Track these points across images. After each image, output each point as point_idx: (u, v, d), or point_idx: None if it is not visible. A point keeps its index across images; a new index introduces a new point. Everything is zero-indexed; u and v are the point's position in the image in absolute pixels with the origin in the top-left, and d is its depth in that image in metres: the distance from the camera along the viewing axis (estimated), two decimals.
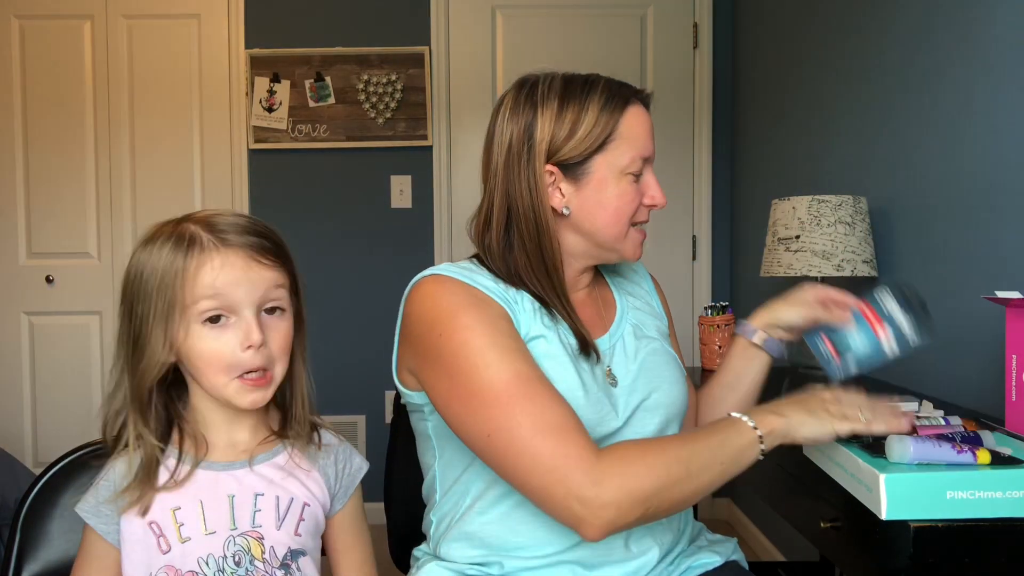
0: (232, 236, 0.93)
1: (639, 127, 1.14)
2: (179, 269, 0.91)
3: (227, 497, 0.95)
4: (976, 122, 1.64)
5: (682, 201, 3.39)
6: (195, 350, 0.92)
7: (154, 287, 0.91)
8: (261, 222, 0.99)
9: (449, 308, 1.02)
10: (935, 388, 1.75)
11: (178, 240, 0.93)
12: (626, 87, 1.14)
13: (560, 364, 1.05)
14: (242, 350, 0.92)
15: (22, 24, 3.31)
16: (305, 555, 0.98)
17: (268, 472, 0.98)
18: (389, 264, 3.35)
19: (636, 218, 1.15)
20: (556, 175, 1.10)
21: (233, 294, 0.92)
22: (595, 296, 1.20)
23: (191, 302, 0.91)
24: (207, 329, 0.92)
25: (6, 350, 3.35)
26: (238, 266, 0.92)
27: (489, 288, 1.07)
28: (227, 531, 0.94)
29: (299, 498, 0.98)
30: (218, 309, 0.91)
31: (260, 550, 0.94)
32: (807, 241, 1.92)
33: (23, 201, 3.33)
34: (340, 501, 1.03)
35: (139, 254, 0.95)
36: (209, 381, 0.93)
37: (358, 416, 3.28)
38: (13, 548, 1.08)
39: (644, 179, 1.15)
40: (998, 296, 1.18)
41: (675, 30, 3.34)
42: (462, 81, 3.34)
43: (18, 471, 2.27)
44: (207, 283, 0.91)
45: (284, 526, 0.96)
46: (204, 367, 0.92)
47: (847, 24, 2.25)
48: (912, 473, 0.90)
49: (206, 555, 0.92)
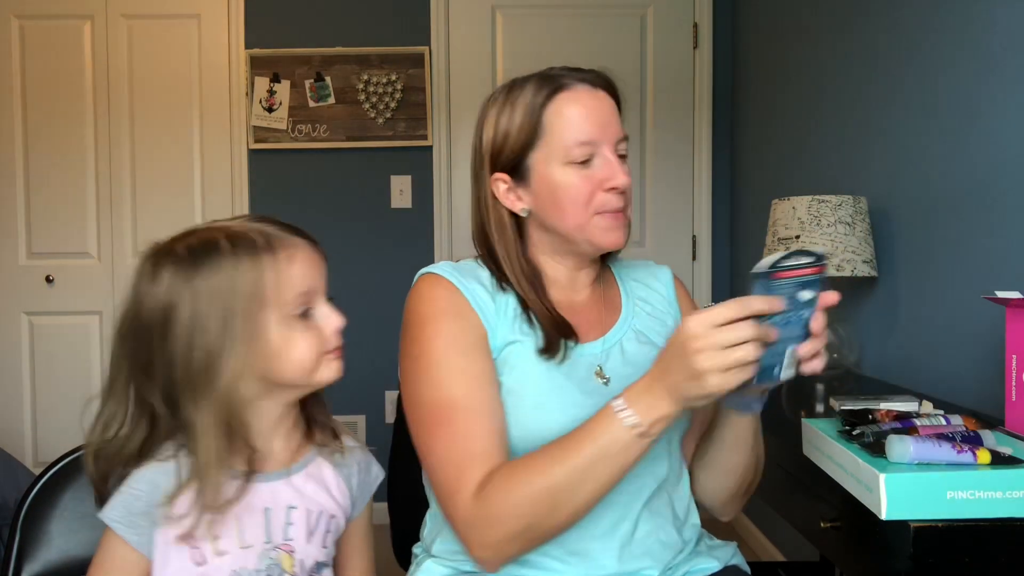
0: (288, 234, 0.93)
1: (573, 111, 1.07)
2: (267, 270, 0.88)
3: (263, 511, 0.93)
4: (976, 122, 1.64)
5: (682, 201, 3.39)
6: (286, 349, 0.90)
7: (242, 299, 0.87)
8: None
9: (424, 314, 1.07)
10: (935, 388, 1.75)
11: (251, 246, 0.89)
12: (559, 76, 1.10)
13: (528, 369, 1.06)
14: (329, 334, 0.93)
15: (22, 24, 3.31)
16: (329, 567, 0.98)
17: (301, 483, 0.97)
18: (389, 264, 3.35)
19: (597, 205, 1.08)
20: (507, 181, 1.11)
21: (315, 283, 0.93)
22: (598, 298, 1.18)
23: (281, 300, 0.89)
24: (296, 323, 0.91)
25: (6, 350, 3.35)
26: (314, 258, 0.94)
27: (476, 294, 1.09)
28: (261, 545, 0.92)
29: (327, 511, 0.98)
30: (306, 301, 0.92)
31: (290, 563, 0.94)
32: (807, 241, 1.92)
33: (23, 201, 3.33)
34: (357, 509, 1.03)
35: (188, 281, 0.87)
36: (295, 371, 0.91)
37: (358, 416, 3.28)
38: (13, 548, 1.08)
39: (595, 163, 1.07)
40: (998, 296, 1.17)
41: (675, 30, 3.34)
42: (462, 81, 3.34)
43: (18, 471, 2.27)
44: (299, 275, 0.91)
45: (314, 539, 0.95)
46: (295, 359, 0.91)
47: (847, 24, 2.25)
48: (912, 473, 0.90)
49: (239, 568, 0.91)
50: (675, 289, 1.24)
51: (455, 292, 1.08)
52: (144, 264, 0.91)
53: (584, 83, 1.09)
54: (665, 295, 1.22)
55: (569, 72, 1.10)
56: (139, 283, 0.90)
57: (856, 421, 1.07)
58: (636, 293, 1.21)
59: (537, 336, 1.08)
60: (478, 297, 1.08)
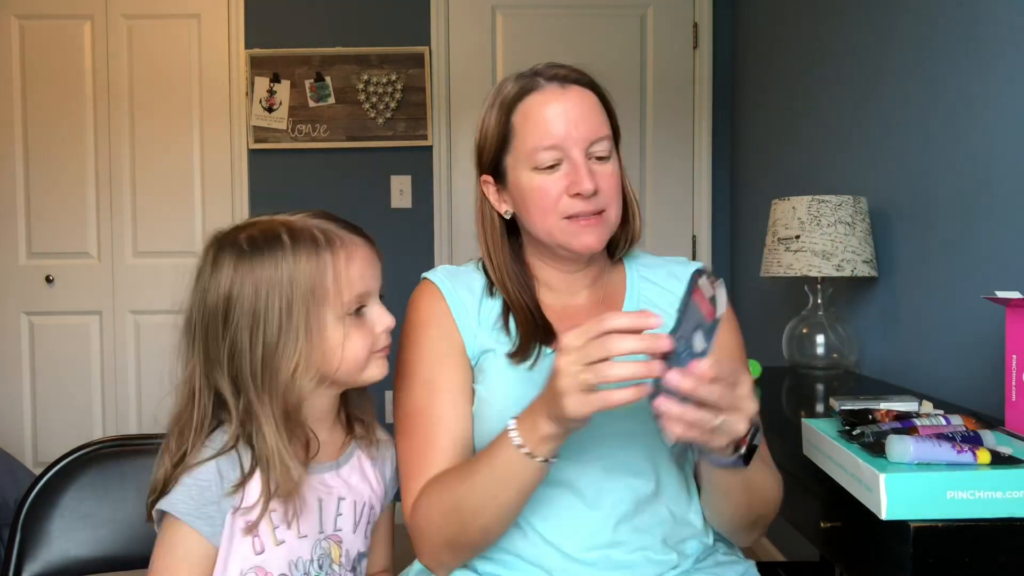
0: (349, 233, 0.95)
1: (539, 114, 1.04)
2: (327, 267, 0.90)
3: (317, 501, 0.95)
4: (976, 122, 1.64)
5: (682, 201, 3.39)
6: (336, 343, 0.91)
7: (301, 293, 0.88)
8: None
9: (412, 321, 1.10)
10: (935, 388, 1.75)
11: (312, 241, 0.90)
12: (533, 75, 1.07)
13: (499, 378, 1.05)
14: (379, 333, 0.94)
15: (22, 24, 3.31)
16: (366, 558, 1.00)
17: (347, 475, 0.99)
18: (389, 264, 3.32)
19: (564, 210, 1.04)
20: (492, 183, 1.11)
21: (371, 283, 0.94)
22: (596, 302, 1.14)
23: (339, 298, 0.90)
24: (349, 320, 0.92)
25: (6, 350, 3.35)
26: (371, 258, 0.95)
27: (460, 302, 1.09)
28: (316, 534, 0.94)
29: (369, 502, 0.99)
30: (361, 300, 0.93)
31: (338, 553, 0.95)
32: (807, 241, 1.92)
33: (23, 201, 3.33)
34: (389, 497, 1.06)
35: (251, 271, 0.89)
36: (349, 368, 0.93)
37: None
38: (13, 548, 1.08)
39: (563, 167, 1.04)
40: (998, 296, 1.17)
41: (675, 30, 3.34)
42: (462, 81, 3.34)
43: (18, 471, 2.27)
44: (357, 275, 0.92)
45: (359, 530, 0.97)
46: (348, 356, 0.92)
47: (847, 24, 2.25)
48: (912, 473, 0.90)
49: (296, 558, 0.92)
50: None
51: (439, 300, 1.10)
52: (206, 253, 0.92)
53: (554, 81, 1.05)
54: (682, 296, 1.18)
55: (544, 70, 1.07)
56: (202, 272, 0.92)
57: (856, 421, 1.07)
58: (644, 296, 1.15)
59: (512, 342, 1.07)
60: (461, 305, 1.09)
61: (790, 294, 2.55)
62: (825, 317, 2.02)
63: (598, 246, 1.07)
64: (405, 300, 1.17)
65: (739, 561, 1.11)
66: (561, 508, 1.03)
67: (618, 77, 3.18)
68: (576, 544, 1.02)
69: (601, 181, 1.04)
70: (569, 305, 1.13)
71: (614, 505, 1.03)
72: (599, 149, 1.05)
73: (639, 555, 1.03)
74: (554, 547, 1.02)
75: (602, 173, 1.05)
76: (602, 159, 1.06)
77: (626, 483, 1.03)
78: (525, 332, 1.07)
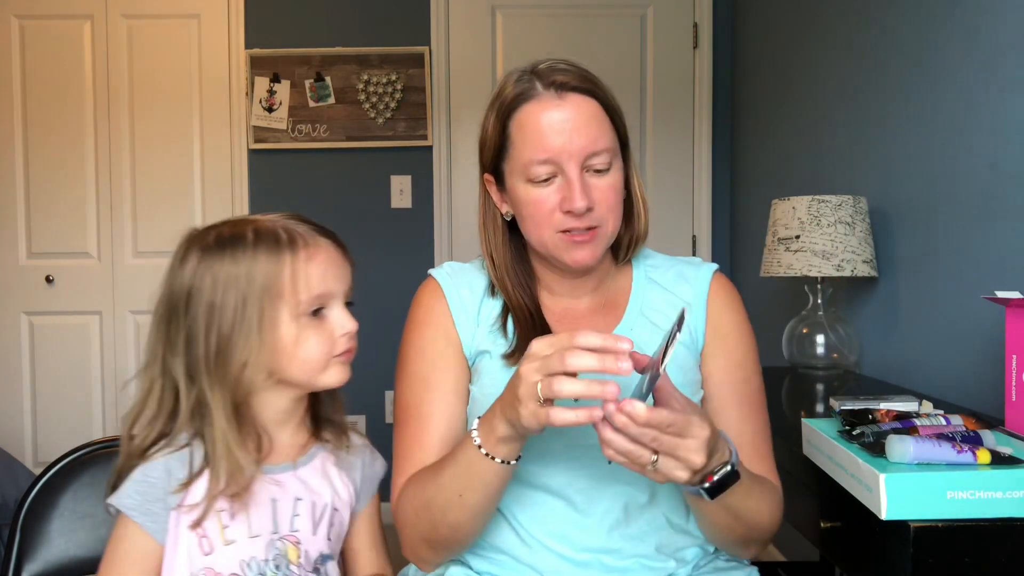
0: (317, 232, 0.96)
1: (533, 127, 1.00)
2: (285, 265, 0.90)
3: (270, 501, 0.94)
4: (976, 122, 1.63)
5: (682, 201, 3.39)
6: (289, 342, 0.91)
7: (256, 289, 0.90)
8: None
9: (411, 319, 1.12)
10: (935, 388, 1.75)
11: (274, 240, 0.92)
12: (531, 78, 1.01)
13: (495, 379, 1.04)
14: (339, 337, 0.94)
15: (22, 24, 3.31)
16: (332, 560, 0.99)
17: (307, 477, 0.98)
18: (389, 264, 3.35)
19: (557, 224, 1.02)
20: (493, 183, 1.09)
21: (332, 286, 0.94)
22: (599, 305, 1.12)
23: (295, 297, 0.91)
24: (307, 321, 0.92)
25: (6, 350, 3.35)
26: (336, 260, 0.95)
27: (460, 301, 1.09)
28: (269, 535, 0.94)
29: (331, 504, 0.99)
30: (320, 302, 0.93)
31: (296, 554, 0.95)
32: (807, 241, 1.92)
33: (23, 201, 3.33)
34: (362, 503, 1.04)
35: (210, 267, 0.91)
36: (301, 369, 0.93)
37: (358, 416, 3.27)
38: (13, 548, 1.08)
39: (557, 181, 1.01)
40: (998, 296, 1.17)
41: (675, 30, 3.34)
42: (462, 81, 3.34)
43: (18, 471, 2.27)
44: (317, 275, 0.92)
45: (319, 531, 0.97)
46: (302, 357, 0.92)
47: (847, 24, 2.25)
48: (912, 473, 0.90)
49: (248, 558, 0.92)
50: (709, 292, 1.11)
51: (439, 298, 1.10)
52: (179, 248, 0.95)
53: (552, 89, 1.00)
54: (691, 301, 1.11)
55: (544, 72, 1.01)
56: (171, 265, 0.94)
57: (856, 421, 1.07)
58: (649, 300, 1.12)
59: (510, 343, 1.06)
60: (461, 304, 1.09)
61: (790, 294, 2.55)
62: (825, 317, 2.02)
63: (591, 262, 1.04)
64: (405, 299, 1.17)
65: (740, 567, 1.10)
66: (553, 514, 1.02)
67: (618, 77, 3.18)
68: (570, 547, 1.02)
69: (597, 195, 1.01)
70: (570, 308, 1.11)
71: (605, 513, 1.02)
72: (597, 162, 1.01)
73: (633, 561, 1.03)
74: (548, 549, 1.02)
75: (599, 187, 1.01)
76: (600, 172, 1.01)
77: (617, 491, 1.02)
78: (523, 333, 1.06)
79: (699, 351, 1.10)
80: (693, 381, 1.08)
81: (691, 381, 1.07)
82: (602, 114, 1.02)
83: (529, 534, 1.03)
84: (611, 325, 1.09)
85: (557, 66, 1.02)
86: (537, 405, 0.81)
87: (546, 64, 1.02)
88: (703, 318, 1.11)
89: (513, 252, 1.10)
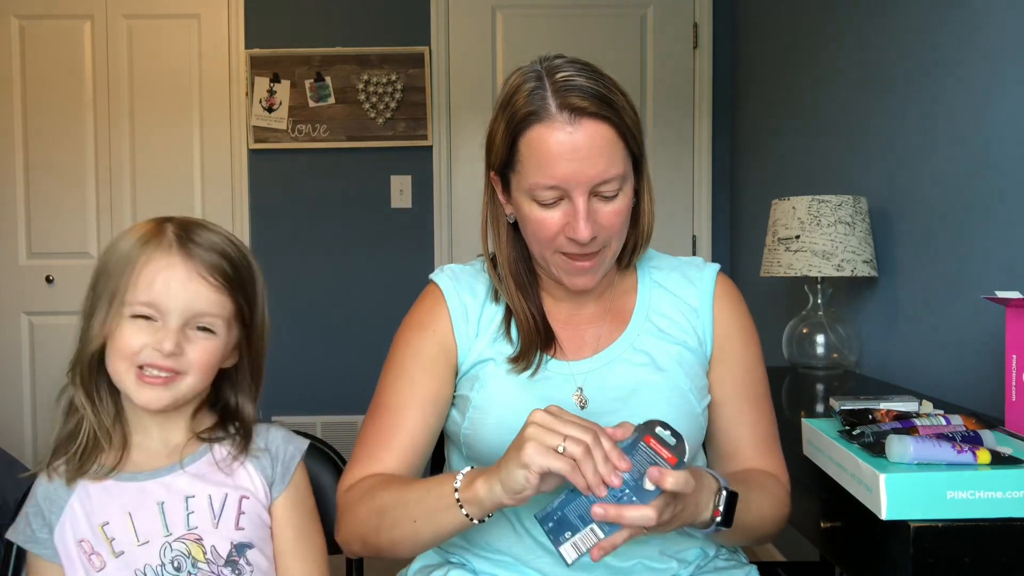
0: (195, 247, 0.95)
1: (543, 150, 0.96)
2: (131, 260, 0.93)
3: (156, 504, 0.95)
4: (976, 122, 1.63)
5: (682, 201, 3.39)
6: (113, 337, 0.94)
7: (111, 269, 0.94)
8: (240, 250, 0.99)
9: (411, 318, 1.11)
10: (935, 388, 1.74)
11: (147, 234, 0.95)
12: (543, 97, 0.96)
13: (498, 387, 1.04)
14: (150, 349, 0.93)
15: (22, 24, 3.31)
16: (253, 547, 0.97)
17: (199, 471, 0.98)
18: (389, 264, 3.35)
19: (559, 246, 1.00)
20: (500, 183, 1.05)
21: (164, 300, 0.93)
22: (604, 311, 1.11)
23: (129, 295, 0.93)
24: (130, 322, 0.93)
25: (6, 350, 3.35)
26: (179, 276, 0.94)
27: (462, 307, 1.08)
28: (161, 538, 0.94)
29: (236, 491, 0.98)
30: (147, 309, 0.93)
31: (201, 551, 0.94)
32: (807, 241, 1.92)
33: (23, 201, 3.33)
34: (279, 487, 1.01)
35: (119, 236, 0.98)
36: (113, 367, 0.95)
37: (358, 416, 3.28)
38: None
39: (563, 205, 0.98)
40: (998, 296, 1.17)
41: (675, 30, 3.34)
42: (462, 81, 3.34)
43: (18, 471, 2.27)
44: (146, 282, 0.93)
45: (222, 523, 0.96)
46: (113, 354, 0.94)
47: (847, 24, 2.25)
48: (912, 473, 0.90)
49: (142, 566, 0.93)
50: (714, 295, 1.11)
51: (440, 304, 1.09)
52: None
53: (565, 112, 0.95)
54: (696, 305, 1.10)
55: (559, 90, 0.95)
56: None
57: (856, 421, 1.07)
58: (655, 306, 1.10)
59: (514, 348, 1.06)
60: (461, 310, 1.08)
61: (790, 294, 2.55)
62: (825, 317, 2.02)
63: (590, 287, 1.04)
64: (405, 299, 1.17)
65: (740, 565, 1.11)
66: None
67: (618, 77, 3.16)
68: None
69: (603, 220, 0.99)
70: (575, 314, 1.10)
71: None
72: (606, 189, 0.98)
73: (636, 563, 1.03)
74: (549, 551, 1.02)
75: (605, 212, 0.99)
76: (609, 198, 0.99)
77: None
78: (526, 338, 1.05)
79: (707, 356, 1.10)
80: (700, 387, 1.08)
81: (698, 387, 1.07)
82: (616, 140, 0.97)
83: (531, 536, 1.03)
84: (617, 331, 1.09)
85: (573, 82, 0.96)
86: (542, 447, 0.83)
87: (562, 75, 0.97)
88: (710, 322, 1.10)
89: (518, 253, 1.08)
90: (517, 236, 1.08)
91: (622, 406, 1.03)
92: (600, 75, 0.99)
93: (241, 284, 0.97)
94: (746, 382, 1.10)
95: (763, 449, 1.10)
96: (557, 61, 1.00)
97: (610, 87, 0.98)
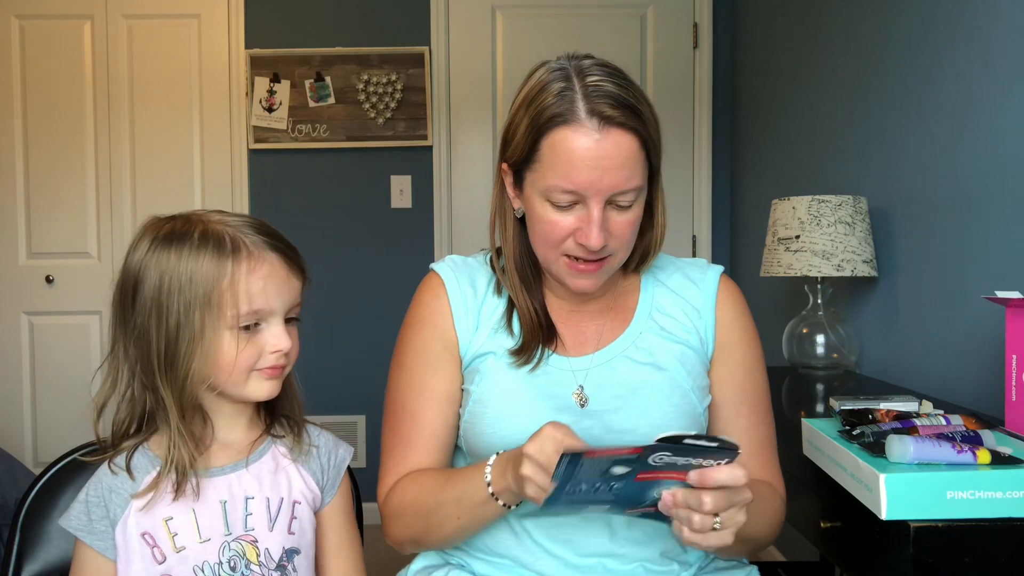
0: (266, 244, 0.94)
1: (566, 153, 0.95)
2: (225, 274, 0.90)
3: (219, 503, 0.95)
4: (976, 122, 1.63)
5: (682, 201, 3.39)
6: (221, 353, 0.91)
7: (198, 295, 0.89)
8: (277, 231, 0.99)
9: (409, 317, 1.12)
10: (935, 388, 1.75)
11: (217, 245, 0.91)
12: (572, 100, 0.95)
13: (498, 381, 1.04)
14: (268, 353, 0.93)
15: (22, 24, 3.31)
16: (300, 553, 0.98)
17: (259, 472, 0.98)
18: (389, 264, 3.35)
19: (566, 248, 1.00)
20: (511, 176, 1.05)
21: (273, 302, 0.92)
22: (607, 309, 1.10)
23: (232, 308, 0.90)
24: (239, 334, 0.91)
25: (6, 350, 3.35)
26: (280, 275, 0.93)
27: (463, 299, 1.08)
28: (221, 537, 0.94)
29: (289, 497, 0.98)
30: (257, 316, 0.92)
31: (255, 553, 0.95)
32: (807, 241, 1.92)
33: (23, 201, 3.33)
34: (329, 493, 1.03)
35: (157, 259, 0.92)
36: (230, 380, 0.92)
37: (358, 416, 3.28)
38: (13, 548, 1.07)
39: (577, 210, 0.98)
40: (998, 296, 1.17)
41: (675, 30, 3.34)
42: (462, 81, 3.34)
43: (18, 471, 2.27)
44: (256, 290, 0.91)
45: (277, 527, 0.96)
46: (228, 367, 0.91)
47: (847, 24, 2.25)
48: (912, 473, 0.90)
49: (201, 563, 0.93)
50: (715, 304, 1.10)
51: (441, 296, 1.09)
52: (136, 232, 0.97)
53: (594, 119, 0.94)
54: (699, 305, 1.10)
55: (590, 94, 0.95)
56: (128, 249, 0.96)
57: (856, 421, 1.07)
58: (658, 304, 1.10)
59: (515, 341, 1.06)
60: (462, 302, 1.08)
61: (790, 294, 2.55)
62: (825, 317, 2.02)
63: (592, 290, 1.05)
64: (405, 299, 1.17)
65: (740, 566, 1.11)
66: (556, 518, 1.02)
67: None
68: (573, 551, 1.02)
69: (614, 229, 0.99)
70: (578, 311, 1.10)
71: (609, 518, 1.02)
72: (622, 199, 0.98)
73: (637, 566, 1.03)
74: (549, 553, 1.02)
75: (617, 221, 0.99)
76: (623, 208, 0.99)
77: None
78: (528, 331, 1.05)
79: (708, 356, 1.10)
80: (702, 386, 1.08)
81: (700, 386, 1.07)
82: (639, 151, 0.97)
83: (532, 539, 1.03)
84: (620, 328, 1.09)
85: (603, 88, 0.95)
86: (535, 487, 0.86)
87: (593, 79, 0.96)
88: (712, 323, 1.10)
89: (524, 247, 1.08)
90: (524, 231, 1.07)
91: (623, 404, 1.03)
92: (629, 83, 0.99)
93: (304, 266, 0.99)
94: (745, 385, 1.10)
95: (759, 456, 1.08)
96: (586, 62, 0.99)
97: (638, 97, 0.98)
